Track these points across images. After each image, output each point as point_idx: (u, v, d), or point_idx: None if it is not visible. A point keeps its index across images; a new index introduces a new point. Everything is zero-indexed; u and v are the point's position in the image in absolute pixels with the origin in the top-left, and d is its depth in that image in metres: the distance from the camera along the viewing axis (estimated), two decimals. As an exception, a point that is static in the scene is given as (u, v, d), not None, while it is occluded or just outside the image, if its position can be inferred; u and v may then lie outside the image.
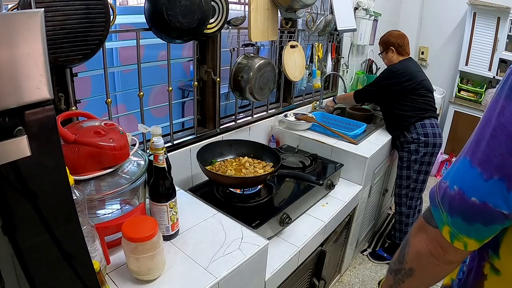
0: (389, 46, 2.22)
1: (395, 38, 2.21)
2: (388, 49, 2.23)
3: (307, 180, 1.45)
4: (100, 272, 0.75)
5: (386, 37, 2.27)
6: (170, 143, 1.55)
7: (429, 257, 0.61)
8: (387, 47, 2.24)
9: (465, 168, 0.54)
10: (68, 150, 0.90)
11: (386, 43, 2.25)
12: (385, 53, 2.26)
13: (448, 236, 0.57)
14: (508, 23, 3.20)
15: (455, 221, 0.55)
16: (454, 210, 0.55)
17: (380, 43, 2.30)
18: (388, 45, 2.23)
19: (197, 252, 1.02)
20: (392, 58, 2.24)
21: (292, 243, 1.37)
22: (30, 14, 0.46)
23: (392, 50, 2.22)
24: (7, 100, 0.46)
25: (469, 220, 0.53)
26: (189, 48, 1.93)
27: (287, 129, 2.13)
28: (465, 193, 0.53)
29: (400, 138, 2.19)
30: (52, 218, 0.56)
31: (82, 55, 1.05)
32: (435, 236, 0.59)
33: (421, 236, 0.62)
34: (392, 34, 2.25)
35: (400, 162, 2.24)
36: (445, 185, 0.57)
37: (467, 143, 0.56)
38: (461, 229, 0.55)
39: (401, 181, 2.25)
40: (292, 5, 1.72)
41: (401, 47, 2.20)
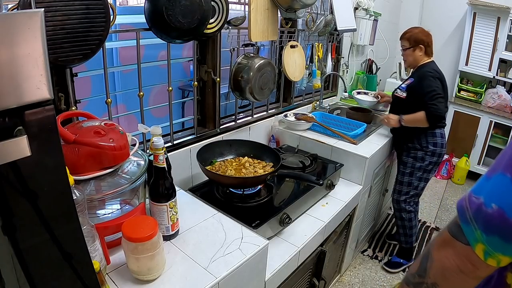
0: (418, 44, 2.04)
1: (426, 36, 2.04)
2: (417, 46, 2.05)
3: (307, 180, 1.45)
4: (100, 272, 0.75)
5: (415, 33, 2.06)
6: (170, 143, 1.55)
7: (458, 273, 0.58)
8: (416, 44, 2.05)
9: (505, 186, 0.50)
10: (68, 150, 0.90)
11: (415, 40, 2.04)
12: (412, 50, 2.06)
13: (482, 253, 0.54)
14: (508, 23, 3.20)
15: (492, 239, 0.52)
16: (491, 229, 0.51)
17: (407, 38, 2.08)
18: (418, 42, 2.04)
19: (197, 252, 1.02)
20: (419, 57, 2.07)
21: (292, 243, 1.37)
22: (30, 14, 0.46)
23: (421, 48, 2.04)
24: (7, 100, 0.46)
25: (509, 239, 0.50)
26: (189, 48, 1.93)
27: (287, 129, 2.13)
28: (506, 212, 0.49)
29: (409, 143, 2.11)
30: (52, 218, 0.56)
31: (82, 55, 1.05)
32: (465, 253, 0.56)
33: (447, 252, 0.59)
34: (422, 32, 2.06)
35: (403, 167, 2.17)
36: (478, 202, 0.53)
37: (503, 158, 0.53)
38: (497, 248, 0.52)
39: (401, 187, 2.19)
40: (292, 5, 1.72)
41: (429, 47, 2.06)
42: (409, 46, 2.08)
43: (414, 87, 2.03)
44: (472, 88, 3.65)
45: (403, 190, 2.19)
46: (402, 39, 2.11)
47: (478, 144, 3.55)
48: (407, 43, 2.08)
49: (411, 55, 2.09)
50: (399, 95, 2.12)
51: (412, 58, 2.09)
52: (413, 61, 2.11)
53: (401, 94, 2.11)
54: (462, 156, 3.58)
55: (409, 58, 2.12)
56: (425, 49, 2.04)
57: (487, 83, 3.59)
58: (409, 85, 2.06)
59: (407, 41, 2.08)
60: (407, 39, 2.08)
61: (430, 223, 2.88)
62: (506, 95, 3.42)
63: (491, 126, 3.44)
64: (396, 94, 2.17)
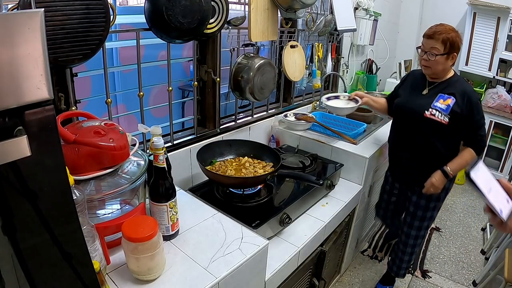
0: (454, 51, 1.53)
1: (461, 41, 1.55)
2: (452, 54, 1.53)
3: (307, 180, 1.45)
4: (100, 272, 0.75)
5: (453, 36, 1.51)
6: (170, 143, 1.55)
7: None
8: (452, 51, 1.52)
9: None
10: (68, 150, 0.90)
11: (452, 45, 1.51)
12: (446, 58, 1.53)
13: None
14: (508, 23, 3.20)
15: None
16: None
17: (443, 40, 1.50)
18: (455, 49, 1.53)
19: (197, 252, 1.02)
20: (449, 68, 1.60)
21: (292, 243, 1.37)
22: (30, 14, 0.46)
23: (454, 57, 1.55)
24: (7, 100, 0.46)
25: None
26: (189, 48, 1.93)
27: (287, 129, 2.13)
28: None
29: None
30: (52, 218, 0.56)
31: (82, 55, 1.05)
32: None
33: None
34: (457, 33, 1.54)
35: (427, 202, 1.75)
36: None
37: None
38: None
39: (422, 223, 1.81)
40: (292, 5, 1.72)
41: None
42: (443, 52, 1.51)
43: (461, 111, 1.55)
44: (472, 88, 3.64)
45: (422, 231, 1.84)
46: (433, 39, 1.52)
47: (478, 144, 3.54)
48: (441, 46, 1.51)
49: (443, 63, 1.54)
50: (439, 120, 1.56)
51: (443, 68, 1.56)
52: (441, 72, 1.59)
53: (442, 118, 1.56)
54: (462, 156, 3.57)
55: (438, 67, 1.56)
56: (456, 58, 1.56)
57: (487, 83, 3.59)
58: (453, 108, 1.55)
59: (442, 44, 1.50)
60: (443, 42, 1.50)
61: (430, 223, 2.88)
62: (506, 95, 3.42)
63: (491, 126, 3.44)
64: (431, 117, 1.58)
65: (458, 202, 3.26)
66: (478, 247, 2.63)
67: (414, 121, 1.66)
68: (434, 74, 1.62)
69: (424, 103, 1.62)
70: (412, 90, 1.72)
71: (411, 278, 2.26)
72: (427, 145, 1.65)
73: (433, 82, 1.65)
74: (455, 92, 1.57)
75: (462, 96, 1.55)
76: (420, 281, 2.24)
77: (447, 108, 1.56)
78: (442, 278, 2.27)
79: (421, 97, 1.66)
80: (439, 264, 2.41)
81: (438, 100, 1.60)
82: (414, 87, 1.72)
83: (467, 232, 2.83)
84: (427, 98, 1.63)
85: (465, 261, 2.47)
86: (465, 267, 2.40)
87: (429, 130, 1.62)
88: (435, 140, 1.62)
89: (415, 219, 1.81)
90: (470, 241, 2.71)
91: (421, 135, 1.65)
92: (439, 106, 1.58)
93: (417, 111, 1.62)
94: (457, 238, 2.73)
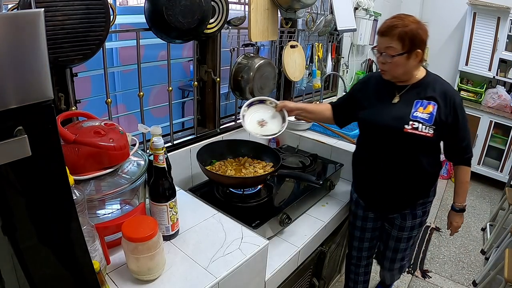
0: (419, 46, 1.22)
1: (426, 34, 1.23)
2: (415, 51, 1.22)
3: (307, 180, 1.45)
4: (100, 272, 0.75)
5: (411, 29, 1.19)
6: (170, 143, 1.55)
7: None
8: (414, 47, 1.21)
9: None
10: (68, 150, 0.90)
11: (413, 40, 1.20)
12: (406, 58, 1.22)
13: None
14: (508, 23, 3.21)
15: None
16: None
17: (399, 36, 1.19)
18: (418, 45, 1.21)
19: (197, 252, 1.02)
20: (413, 68, 1.27)
21: (292, 243, 1.37)
22: (30, 14, 0.46)
23: (419, 54, 1.23)
24: (7, 100, 0.46)
25: None
26: (189, 48, 1.93)
27: (287, 129, 2.11)
28: None
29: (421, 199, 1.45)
30: (52, 218, 0.56)
31: (82, 55, 1.05)
32: None
33: None
34: (420, 25, 1.22)
35: (410, 232, 1.52)
36: None
37: None
38: None
39: (404, 254, 1.62)
40: (292, 5, 1.72)
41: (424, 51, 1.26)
42: (402, 51, 1.21)
43: (445, 119, 1.27)
44: (472, 88, 3.65)
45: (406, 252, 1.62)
46: (387, 36, 1.22)
47: (478, 144, 3.55)
48: (399, 44, 1.21)
49: (403, 65, 1.24)
50: (423, 133, 1.27)
51: (404, 71, 1.26)
52: (404, 75, 1.29)
53: (426, 131, 1.27)
54: (462, 156, 3.58)
55: (397, 71, 1.26)
56: (423, 54, 1.25)
57: (487, 83, 3.59)
58: (437, 115, 1.27)
59: (399, 41, 1.20)
60: (400, 38, 1.20)
61: (430, 223, 2.88)
62: (506, 95, 3.43)
63: (491, 126, 3.44)
64: (413, 131, 1.27)
65: (458, 202, 3.25)
66: (478, 247, 2.63)
67: (392, 139, 1.33)
68: (395, 79, 1.31)
69: (401, 114, 1.29)
70: (379, 99, 1.36)
71: (411, 278, 2.25)
72: (411, 164, 1.34)
73: (403, 86, 1.32)
74: (435, 96, 1.28)
75: (444, 99, 1.28)
76: (420, 281, 2.24)
77: (430, 117, 1.27)
78: (442, 278, 2.27)
79: (392, 107, 1.32)
80: (439, 264, 2.41)
81: (417, 109, 1.28)
82: (380, 95, 1.36)
83: (467, 232, 2.83)
84: (401, 107, 1.30)
85: (465, 261, 2.47)
86: (465, 267, 2.40)
87: (413, 147, 1.31)
88: (420, 157, 1.33)
89: (401, 242, 1.56)
90: (470, 241, 2.71)
91: (403, 154, 1.33)
92: (420, 116, 1.27)
93: (395, 126, 1.29)
94: (457, 238, 2.73)
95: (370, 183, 1.48)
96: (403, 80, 1.32)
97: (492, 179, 3.55)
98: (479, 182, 3.65)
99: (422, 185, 1.42)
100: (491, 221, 2.86)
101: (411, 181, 1.38)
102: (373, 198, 1.51)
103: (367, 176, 1.49)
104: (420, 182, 1.40)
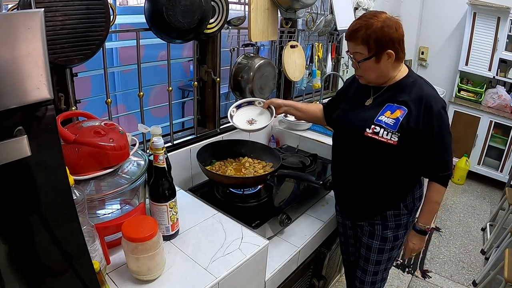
0: (388, 47, 1.10)
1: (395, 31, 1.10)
2: (385, 52, 1.11)
3: (307, 180, 1.45)
4: (100, 272, 0.75)
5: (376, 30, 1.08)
6: (170, 143, 1.55)
7: None
8: (383, 49, 1.11)
9: None
10: (68, 150, 0.90)
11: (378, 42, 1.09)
12: (375, 61, 1.13)
13: None
14: (508, 23, 3.20)
15: None
16: None
17: (362, 40, 1.11)
18: (386, 45, 1.10)
19: (197, 252, 1.02)
20: (387, 70, 1.16)
21: (292, 243, 1.37)
22: (30, 14, 0.46)
23: (390, 55, 1.12)
24: (7, 100, 0.46)
25: None
26: (189, 48, 1.93)
27: (287, 129, 2.13)
28: None
29: (390, 210, 1.30)
30: (52, 218, 0.56)
31: (82, 55, 1.05)
32: None
33: None
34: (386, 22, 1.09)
35: (381, 244, 1.34)
36: None
37: None
38: None
39: (378, 267, 1.39)
40: (292, 5, 1.72)
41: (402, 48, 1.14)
42: (368, 55, 1.12)
43: (415, 126, 1.14)
44: (472, 88, 3.65)
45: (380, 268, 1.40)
46: (352, 40, 1.14)
47: (478, 144, 3.55)
48: (364, 48, 1.12)
49: (374, 69, 1.15)
50: (384, 140, 1.16)
51: (377, 74, 1.17)
52: (377, 78, 1.19)
53: (388, 137, 1.15)
54: (462, 156, 3.58)
55: (369, 75, 1.18)
56: (395, 54, 1.12)
57: (487, 83, 3.59)
58: (404, 122, 1.14)
59: (364, 44, 1.11)
60: (363, 42, 1.11)
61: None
62: (506, 95, 3.42)
63: (491, 126, 3.44)
64: (373, 136, 1.17)
65: (458, 202, 3.26)
66: (478, 247, 2.63)
67: (354, 142, 1.25)
68: (371, 83, 1.23)
69: (366, 117, 1.20)
70: (354, 101, 1.30)
71: (411, 278, 2.26)
72: (373, 172, 1.24)
73: (379, 88, 1.23)
74: (408, 100, 1.15)
75: (417, 104, 1.14)
76: (420, 281, 2.24)
77: (395, 123, 1.15)
78: (442, 278, 2.27)
79: (363, 109, 1.24)
80: (439, 264, 2.41)
81: (385, 113, 1.18)
82: (357, 97, 1.29)
83: (467, 232, 2.83)
84: (371, 110, 1.21)
85: (465, 261, 2.47)
86: (465, 267, 2.40)
87: (375, 154, 1.20)
88: (385, 165, 1.21)
89: (369, 263, 1.39)
90: (470, 241, 2.71)
91: (365, 159, 1.24)
92: (384, 120, 1.16)
93: (357, 129, 1.21)
94: (457, 238, 2.73)
95: (339, 186, 1.42)
96: (380, 83, 1.22)
97: (492, 179, 3.54)
98: (479, 182, 3.65)
99: (387, 196, 1.27)
100: (491, 221, 2.86)
101: (374, 190, 1.27)
102: (343, 202, 1.44)
103: (336, 179, 1.42)
104: (385, 193, 1.27)
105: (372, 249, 1.36)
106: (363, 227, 1.38)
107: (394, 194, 1.28)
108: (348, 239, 1.54)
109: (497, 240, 2.41)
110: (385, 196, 1.28)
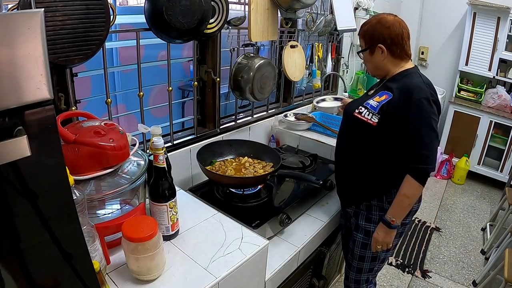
0: (378, 42, 1.27)
1: (386, 29, 1.25)
2: (376, 47, 1.28)
3: (307, 180, 1.45)
4: (100, 272, 0.75)
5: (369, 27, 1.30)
6: (170, 143, 1.55)
7: None
8: (374, 43, 1.28)
9: None
10: (68, 150, 0.90)
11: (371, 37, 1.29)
12: (369, 54, 1.32)
13: None
14: (508, 23, 3.21)
15: None
16: None
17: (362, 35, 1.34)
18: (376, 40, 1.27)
19: (197, 252, 1.02)
20: (381, 63, 1.30)
21: (292, 243, 1.37)
22: (30, 14, 0.46)
23: (381, 49, 1.27)
24: (7, 100, 0.46)
25: None
26: (189, 48, 1.93)
27: (287, 129, 2.13)
28: None
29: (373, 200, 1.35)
30: (52, 218, 0.56)
31: (82, 55, 1.05)
32: None
33: None
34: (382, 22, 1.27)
35: (365, 238, 1.40)
36: None
37: None
38: None
39: (362, 263, 1.45)
40: (292, 5, 1.72)
41: (397, 46, 1.26)
42: (364, 47, 1.33)
43: (394, 110, 1.22)
44: (472, 88, 3.65)
45: (364, 266, 1.46)
46: (359, 36, 1.37)
47: (478, 144, 3.55)
48: (363, 42, 1.35)
49: (370, 60, 1.34)
50: (365, 119, 1.28)
51: (373, 66, 1.34)
52: (375, 70, 1.36)
53: (369, 117, 1.27)
54: (462, 156, 3.58)
55: (368, 66, 1.38)
56: (389, 49, 1.26)
57: (487, 83, 3.59)
58: (385, 105, 1.24)
59: (363, 39, 1.34)
60: (362, 36, 1.34)
61: (430, 223, 2.88)
62: (506, 95, 3.43)
63: (491, 126, 3.44)
64: (357, 115, 1.31)
65: (458, 202, 3.26)
66: (478, 247, 2.63)
67: (345, 123, 1.42)
68: (373, 75, 1.41)
69: (361, 102, 1.36)
70: (366, 93, 1.46)
71: (411, 278, 2.26)
72: (357, 157, 1.35)
73: (382, 80, 1.38)
74: (394, 87, 1.25)
75: (400, 92, 1.22)
76: (420, 281, 2.24)
77: (377, 105, 1.25)
78: (442, 278, 2.27)
79: (365, 97, 1.40)
80: (439, 264, 2.41)
81: (374, 98, 1.30)
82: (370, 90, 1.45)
83: (467, 232, 2.83)
84: (369, 97, 1.35)
85: (465, 261, 2.47)
86: (465, 267, 2.40)
87: (356, 133, 1.34)
88: (366, 149, 1.31)
89: (354, 258, 1.46)
90: (470, 241, 2.71)
91: (349, 141, 1.38)
92: (370, 103, 1.28)
93: (349, 110, 1.38)
94: (457, 238, 2.73)
95: (335, 172, 1.53)
96: (380, 75, 1.38)
97: (492, 179, 3.55)
98: (479, 182, 3.65)
99: (370, 182, 1.33)
100: (491, 221, 2.86)
101: (358, 173, 1.37)
102: (337, 187, 1.54)
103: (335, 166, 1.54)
104: (368, 178, 1.34)
105: (356, 242, 1.44)
106: (351, 218, 1.46)
107: (377, 182, 1.34)
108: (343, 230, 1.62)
109: (497, 240, 2.41)
110: (369, 181, 1.35)
